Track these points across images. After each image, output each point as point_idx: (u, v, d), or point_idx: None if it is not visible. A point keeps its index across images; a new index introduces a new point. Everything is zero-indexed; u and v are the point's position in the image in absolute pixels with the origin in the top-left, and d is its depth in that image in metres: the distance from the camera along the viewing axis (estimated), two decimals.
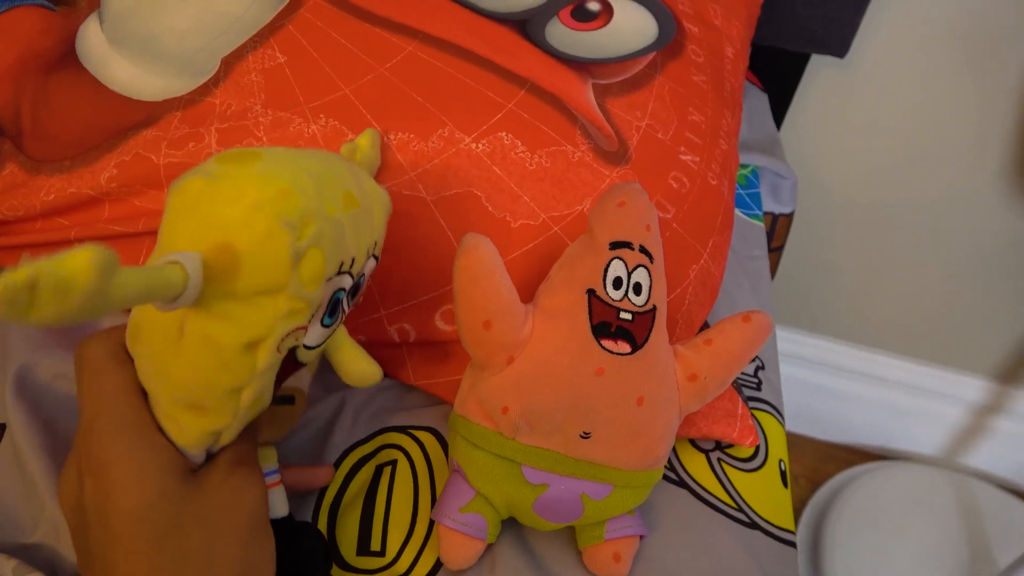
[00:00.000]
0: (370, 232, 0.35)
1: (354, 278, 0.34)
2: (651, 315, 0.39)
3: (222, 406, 0.31)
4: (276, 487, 0.38)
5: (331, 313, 0.33)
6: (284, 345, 0.30)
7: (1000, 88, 0.85)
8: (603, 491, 0.39)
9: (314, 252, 0.29)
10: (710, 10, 0.60)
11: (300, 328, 0.31)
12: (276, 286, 0.28)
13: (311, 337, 0.32)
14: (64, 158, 0.49)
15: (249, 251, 0.27)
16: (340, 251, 0.31)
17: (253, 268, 0.28)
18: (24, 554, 0.38)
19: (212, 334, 0.28)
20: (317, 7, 0.51)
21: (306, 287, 0.29)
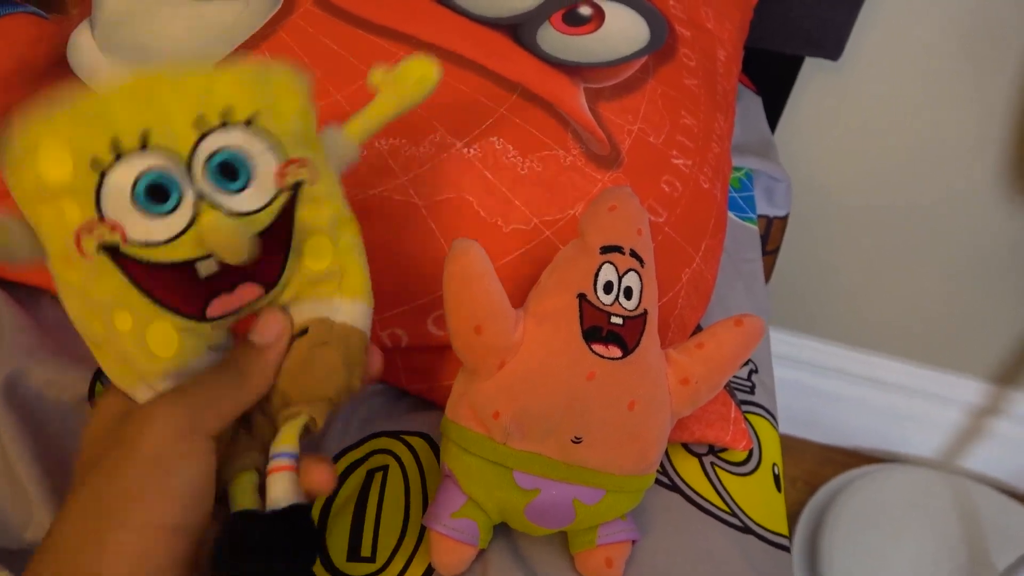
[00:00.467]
0: (196, 100, 0.31)
1: (172, 153, 0.30)
2: (642, 319, 0.39)
3: (97, 332, 0.31)
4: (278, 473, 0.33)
5: (155, 198, 0.30)
6: (87, 245, 0.29)
7: (995, 90, 0.85)
8: (595, 496, 0.39)
9: (44, 143, 0.29)
10: (702, 13, 0.60)
11: (89, 222, 0.29)
12: (27, 193, 0.30)
13: (138, 231, 0.30)
14: None
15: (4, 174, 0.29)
16: (100, 129, 0.29)
17: (11, 187, 0.30)
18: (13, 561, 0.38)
19: (48, 263, 0.30)
20: (308, 13, 0.51)
21: (51, 178, 0.29)
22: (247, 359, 0.34)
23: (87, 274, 0.30)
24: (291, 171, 0.33)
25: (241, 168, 0.32)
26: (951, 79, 0.85)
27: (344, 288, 0.36)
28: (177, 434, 0.30)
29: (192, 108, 0.31)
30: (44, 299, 0.50)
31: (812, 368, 1.17)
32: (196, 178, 0.31)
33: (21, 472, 0.40)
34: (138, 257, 0.30)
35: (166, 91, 0.30)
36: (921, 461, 1.23)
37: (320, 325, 0.35)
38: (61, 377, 0.44)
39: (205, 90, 0.31)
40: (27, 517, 0.40)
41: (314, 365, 0.35)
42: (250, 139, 0.32)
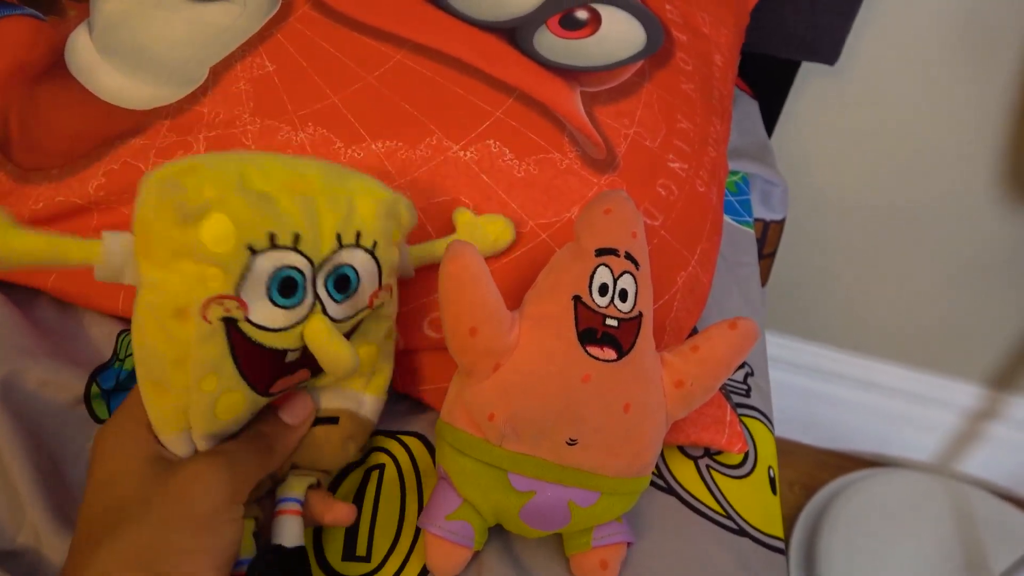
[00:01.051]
0: (339, 218, 0.35)
1: (309, 259, 0.34)
2: (637, 322, 0.39)
3: (173, 381, 0.33)
4: (289, 515, 0.38)
5: (284, 292, 0.33)
6: (212, 314, 0.32)
7: (992, 94, 0.85)
8: (590, 498, 0.39)
9: (216, 216, 0.31)
10: (699, 18, 0.61)
11: (226, 297, 0.32)
12: (177, 249, 0.31)
13: (260, 315, 0.33)
14: (52, 167, 0.49)
15: (150, 218, 0.31)
16: (264, 221, 0.32)
17: (157, 233, 0.31)
18: (5, 562, 0.38)
19: (148, 302, 0.32)
20: (306, 16, 0.51)
21: (210, 248, 0.31)
22: (276, 435, 0.38)
23: (198, 335, 0.32)
24: (381, 296, 0.38)
25: (352, 285, 0.36)
26: (947, 83, 0.86)
27: (371, 386, 0.42)
28: (227, 500, 0.34)
29: (337, 224, 0.35)
30: (40, 300, 0.50)
31: (809, 372, 1.18)
32: (318, 281, 0.35)
33: (15, 473, 0.40)
34: (249, 335, 0.33)
35: (322, 202, 0.35)
36: (918, 465, 1.23)
37: (350, 419, 0.41)
38: (57, 378, 0.44)
39: (349, 210, 0.36)
40: (20, 518, 0.40)
41: (337, 452, 0.41)
42: (367, 262, 0.37)
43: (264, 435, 0.37)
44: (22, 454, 0.40)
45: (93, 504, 0.34)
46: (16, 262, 0.31)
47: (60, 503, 0.40)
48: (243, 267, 0.32)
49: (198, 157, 0.34)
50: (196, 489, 0.33)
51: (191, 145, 0.47)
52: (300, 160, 0.37)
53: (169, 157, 0.47)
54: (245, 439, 0.36)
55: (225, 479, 0.34)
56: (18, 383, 0.43)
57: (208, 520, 0.33)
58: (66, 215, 0.48)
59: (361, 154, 0.47)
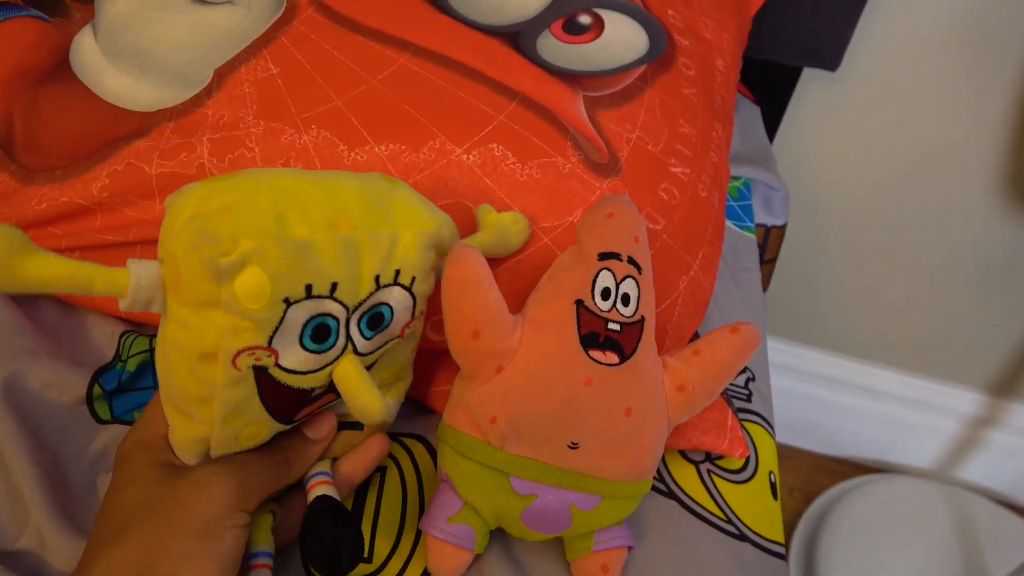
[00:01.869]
0: (378, 257, 0.34)
1: (344, 305, 0.33)
2: (639, 326, 0.39)
3: (197, 414, 0.33)
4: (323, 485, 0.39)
5: (316, 338, 0.32)
6: (242, 362, 0.31)
7: (993, 100, 0.85)
8: (591, 502, 0.39)
9: (251, 270, 0.29)
10: (701, 23, 0.61)
11: (257, 347, 0.31)
12: (207, 300, 0.29)
13: (292, 360, 0.32)
14: (56, 168, 0.49)
15: (183, 262, 0.30)
16: (302, 273, 0.31)
17: (187, 279, 0.30)
18: (8, 562, 0.38)
19: (175, 337, 0.31)
20: (310, 19, 0.51)
21: (244, 304, 0.29)
22: (295, 451, 0.38)
23: (226, 379, 0.31)
24: (413, 325, 0.37)
25: (385, 322, 0.35)
26: (948, 89, 0.86)
27: (392, 392, 0.42)
28: (230, 507, 0.34)
29: (376, 266, 0.34)
30: (43, 301, 0.50)
31: (809, 377, 1.17)
32: (351, 323, 0.34)
33: (17, 474, 0.40)
34: (277, 378, 0.33)
35: (363, 242, 0.33)
36: (917, 471, 1.23)
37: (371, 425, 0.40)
38: (59, 379, 0.44)
39: (390, 248, 0.34)
40: (23, 519, 0.40)
41: None
42: (404, 299, 0.36)
43: (283, 448, 0.38)
44: (24, 455, 0.40)
45: (106, 509, 0.34)
46: (35, 289, 0.29)
47: (62, 504, 0.40)
48: (278, 321, 0.31)
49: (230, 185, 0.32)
50: (198, 495, 0.33)
51: (195, 147, 0.47)
52: (338, 183, 0.35)
53: (173, 159, 0.47)
54: (264, 451, 0.37)
55: (229, 487, 0.34)
56: (20, 383, 0.43)
57: (208, 526, 0.33)
58: (69, 216, 0.48)
59: (364, 157, 0.47)
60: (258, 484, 0.36)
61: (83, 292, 0.30)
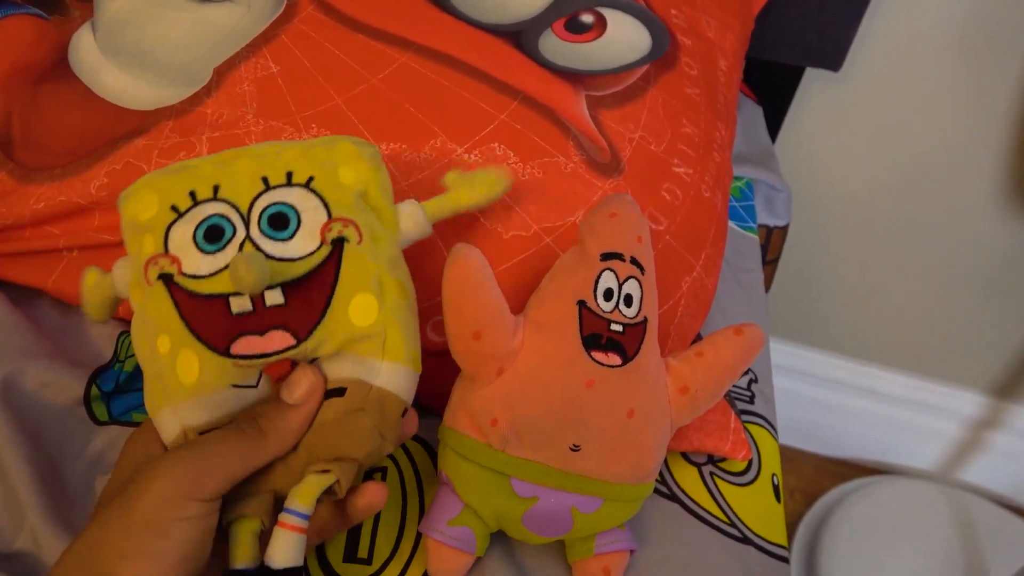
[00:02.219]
0: (265, 164, 0.36)
1: (233, 204, 0.35)
2: (642, 327, 0.39)
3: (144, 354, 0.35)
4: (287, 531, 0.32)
5: (210, 239, 0.34)
6: (151, 274, 0.34)
7: (995, 101, 0.85)
8: (593, 504, 0.39)
9: (140, 191, 0.36)
10: (704, 23, 0.61)
11: (157, 255, 0.34)
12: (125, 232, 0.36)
13: (191, 265, 0.34)
14: (55, 167, 0.49)
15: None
16: (184, 183, 0.35)
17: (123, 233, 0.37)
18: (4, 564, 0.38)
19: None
20: (311, 18, 0.51)
21: (139, 217, 0.35)
22: (269, 418, 0.34)
23: (147, 298, 0.34)
24: (335, 227, 0.36)
25: (291, 219, 0.35)
26: (951, 90, 0.86)
27: (387, 351, 0.36)
28: (173, 499, 0.30)
29: (261, 169, 0.36)
30: (41, 301, 0.50)
31: (810, 379, 1.17)
32: (251, 225, 0.35)
33: (14, 475, 0.40)
34: (184, 287, 0.34)
35: (244, 158, 0.37)
36: (919, 473, 1.23)
37: (358, 388, 0.35)
38: (57, 379, 0.44)
39: (275, 156, 0.37)
40: (19, 521, 0.39)
41: (346, 429, 0.35)
42: (305, 197, 0.36)
43: (253, 418, 0.34)
44: (21, 455, 0.40)
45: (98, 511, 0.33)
46: None
47: (59, 506, 0.40)
48: (167, 225, 0.34)
49: None
50: (141, 487, 0.31)
51: (194, 146, 0.47)
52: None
53: (172, 157, 0.47)
54: (231, 426, 0.33)
55: (177, 474, 0.31)
56: (18, 384, 0.43)
57: (149, 521, 0.30)
58: (68, 215, 0.48)
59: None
60: (220, 464, 0.32)
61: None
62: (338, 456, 0.35)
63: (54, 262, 0.48)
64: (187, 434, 0.33)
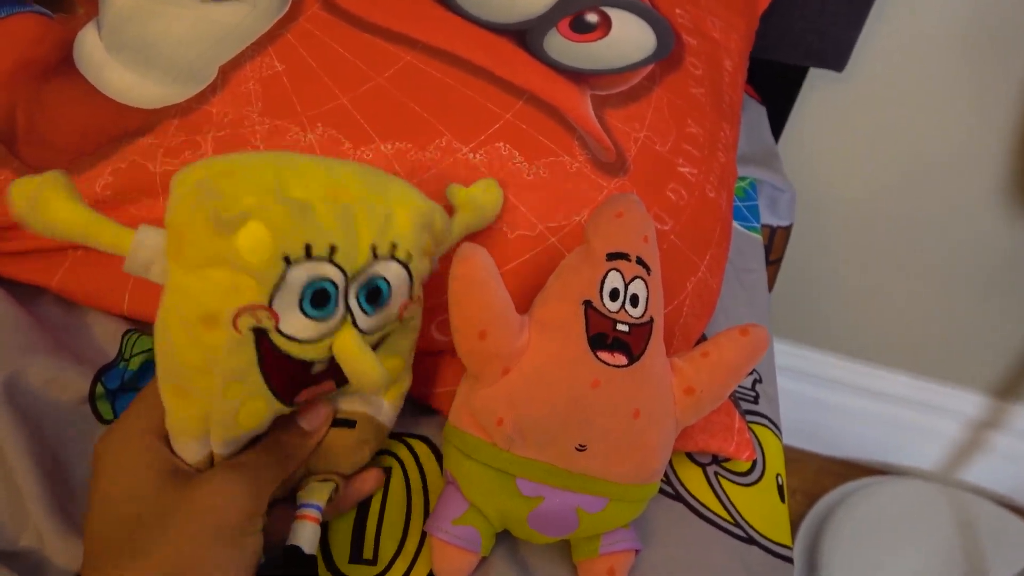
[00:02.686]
0: (374, 229, 0.35)
1: (343, 270, 0.34)
2: (648, 327, 0.39)
3: (197, 387, 0.32)
4: (306, 521, 0.37)
5: (315, 304, 0.33)
6: (243, 323, 0.31)
7: (999, 102, 0.85)
8: (598, 504, 0.39)
9: (253, 224, 0.31)
10: (709, 23, 0.60)
11: (258, 307, 0.31)
12: (210, 258, 0.31)
13: (291, 326, 0.32)
14: (59, 164, 0.48)
15: (186, 223, 0.31)
16: (302, 232, 0.32)
17: (190, 239, 0.31)
18: (8, 562, 0.38)
19: (176, 304, 0.32)
20: (316, 17, 0.51)
21: (245, 258, 0.31)
22: (292, 443, 0.37)
23: (228, 343, 0.31)
24: (411, 308, 0.38)
25: (384, 297, 0.36)
26: (954, 90, 0.86)
27: (390, 393, 0.41)
28: (250, 512, 0.33)
29: (373, 236, 0.35)
30: (44, 298, 0.50)
31: (812, 379, 1.17)
32: (350, 293, 0.34)
33: (18, 473, 0.40)
34: (278, 346, 0.33)
35: (360, 212, 0.34)
36: (920, 473, 1.23)
37: (368, 424, 0.40)
38: (61, 376, 0.44)
39: (386, 220, 0.35)
40: (23, 519, 0.39)
41: (352, 456, 0.40)
42: (400, 274, 0.36)
43: (282, 443, 0.37)
44: (26, 453, 0.40)
45: (105, 520, 0.33)
46: (56, 233, 0.31)
47: (63, 504, 0.40)
48: (278, 278, 0.31)
49: (234, 158, 0.34)
50: (220, 503, 0.33)
51: (199, 144, 0.47)
52: (338, 164, 0.36)
53: (177, 156, 0.47)
54: (263, 448, 0.36)
55: (248, 492, 0.33)
56: (22, 382, 0.43)
57: (234, 533, 0.32)
58: None
59: (370, 155, 0.46)
60: (267, 484, 0.35)
61: (92, 244, 0.32)
62: (335, 471, 0.40)
63: (58, 260, 0.48)
64: (214, 456, 0.35)
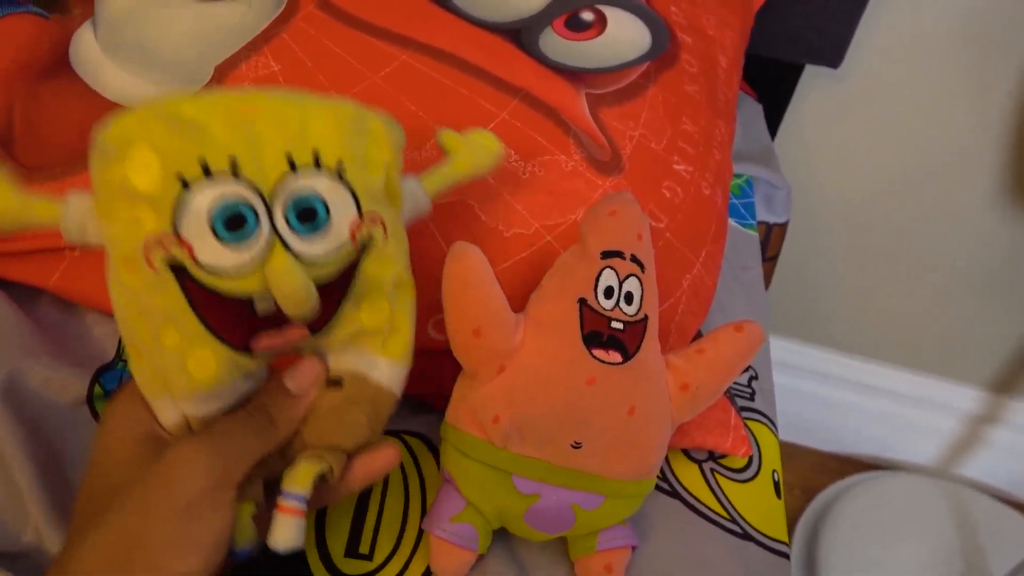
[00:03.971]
0: (287, 135, 0.31)
1: (255, 188, 0.30)
2: (642, 324, 0.39)
3: (143, 342, 0.31)
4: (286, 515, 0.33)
5: (230, 227, 0.29)
6: (155, 258, 0.29)
7: (996, 99, 0.85)
8: (595, 501, 0.39)
9: (136, 147, 0.29)
10: (704, 20, 0.61)
11: (162, 236, 0.29)
12: (112, 192, 0.29)
13: (207, 255, 0.29)
14: (56, 165, 0.49)
15: (91, 171, 0.30)
16: (193, 147, 0.29)
17: (95, 185, 0.30)
18: (8, 563, 0.38)
19: (107, 258, 0.31)
20: (311, 16, 0.51)
21: (134, 182, 0.29)
22: (278, 407, 0.34)
23: (147, 283, 0.29)
24: (364, 228, 0.33)
25: (320, 214, 0.31)
26: (951, 87, 0.86)
27: (388, 348, 0.36)
28: (213, 485, 0.31)
29: (285, 143, 0.31)
30: (43, 299, 0.50)
31: (809, 375, 1.17)
32: (275, 213, 0.31)
33: (18, 473, 0.40)
34: (202, 281, 0.30)
35: (263, 120, 0.31)
36: (918, 469, 1.23)
37: (355, 382, 0.36)
38: (59, 377, 0.44)
39: (301, 126, 0.31)
40: (23, 518, 0.40)
41: (341, 421, 0.35)
42: (334, 187, 0.32)
43: (264, 406, 0.34)
44: (25, 454, 0.40)
45: (89, 487, 0.32)
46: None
47: (63, 503, 0.40)
48: (174, 200, 0.29)
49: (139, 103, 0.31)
50: (176, 474, 0.30)
51: None
52: (254, 89, 0.35)
53: None
54: (242, 414, 0.33)
55: (209, 462, 0.31)
56: (21, 382, 0.43)
57: (190, 508, 0.30)
58: None
59: None
60: (244, 452, 0.32)
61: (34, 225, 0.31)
62: (329, 445, 0.35)
63: (56, 261, 0.48)
64: (190, 422, 0.33)
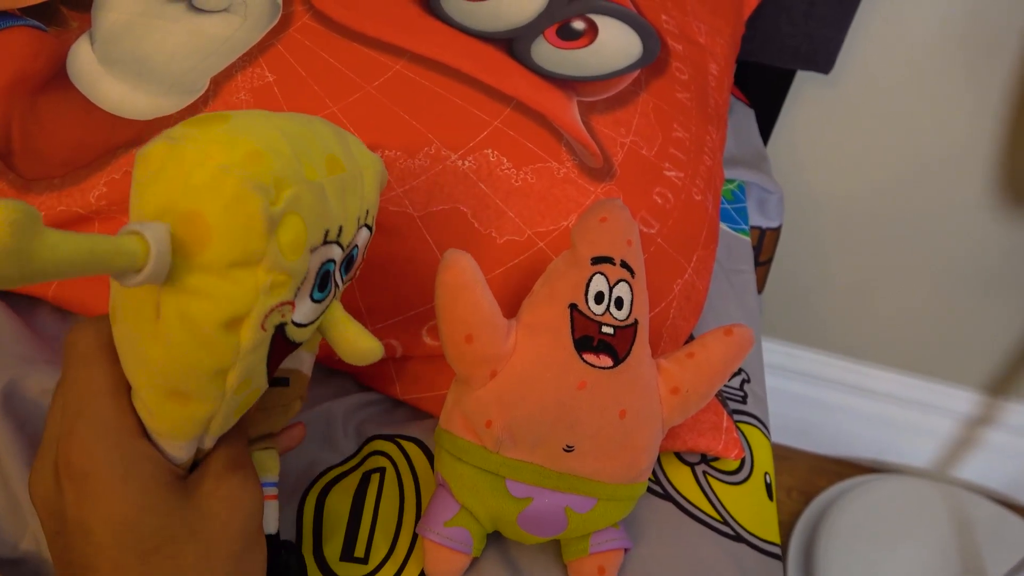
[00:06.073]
0: (358, 199, 0.32)
1: (344, 249, 0.31)
2: (633, 329, 0.40)
3: (205, 391, 0.28)
4: (270, 501, 0.37)
5: (321, 287, 0.30)
6: (269, 322, 0.28)
7: (987, 102, 0.86)
8: (587, 504, 0.40)
9: (292, 218, 0.27)
10: (694, 28, 0.61)
11: (285, 303, 0.28)
12: (252, 256, 0.26)
13: (301, 313, 0.30)
14: (54, 176, 0.49)
15: (218, 218, 0.25)
16: (323, 218, 0.29)
17: (224, 237, 0.25)
18: (7, 570, 0.38)
19: (188, 312, 0.26)
20: (306, 27, 0.52)
21: (286, 257, 0.27)
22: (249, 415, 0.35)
23: (252, 343, 0.28)
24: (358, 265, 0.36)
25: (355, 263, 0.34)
26: (942, 91, 0.86)
27: (310, 344, 0.38)
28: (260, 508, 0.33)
29: (359, 208, 0.33)
30: (41, 308, 0.50)
31: (806, 378, 1.18)
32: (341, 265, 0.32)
33: (16, 480, 0.40)
34: (291, 337, 0.30)
35: (349, 190, 0.31)
36: (915, 471, 1.23)
37: (298, 380, 0.38)
38: None
39: (363, 192, 0.33)
40: (22, 525, 0.40)
41: (287, 411, 0.39)
42: (366, 238, 0.34)
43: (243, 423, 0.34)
44: (23, 462, 0.41)
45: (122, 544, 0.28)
46: (50, 276, 0.22)
47: None
48: (305, 271, 0.28)
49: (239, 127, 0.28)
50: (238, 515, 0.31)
51: None
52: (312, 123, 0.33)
53: None
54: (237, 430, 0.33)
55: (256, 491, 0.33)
56: (19, 391, 0.44)
57: (256, 537, 0.32)
58: (67, 224, 0.49)
59: None
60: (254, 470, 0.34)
61: (102, 271, 0.24)
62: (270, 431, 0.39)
63: None
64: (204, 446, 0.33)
